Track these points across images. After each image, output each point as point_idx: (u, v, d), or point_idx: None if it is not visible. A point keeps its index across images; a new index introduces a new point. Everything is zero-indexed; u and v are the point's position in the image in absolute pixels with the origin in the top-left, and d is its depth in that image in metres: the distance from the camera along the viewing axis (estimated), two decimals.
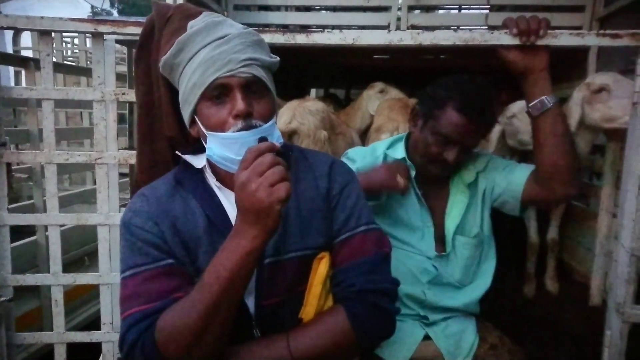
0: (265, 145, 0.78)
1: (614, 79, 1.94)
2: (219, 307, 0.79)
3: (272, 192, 0.73)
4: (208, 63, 0.87)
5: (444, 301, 1.37)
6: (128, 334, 0.84)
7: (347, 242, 0.96)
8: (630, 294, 1.30)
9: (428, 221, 1.38)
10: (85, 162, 1.43)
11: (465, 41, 1.29)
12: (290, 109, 2.32)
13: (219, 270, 0.78)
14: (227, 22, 0.93)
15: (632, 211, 1.29)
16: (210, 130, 0.90)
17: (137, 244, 0.89)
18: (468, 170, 1.39)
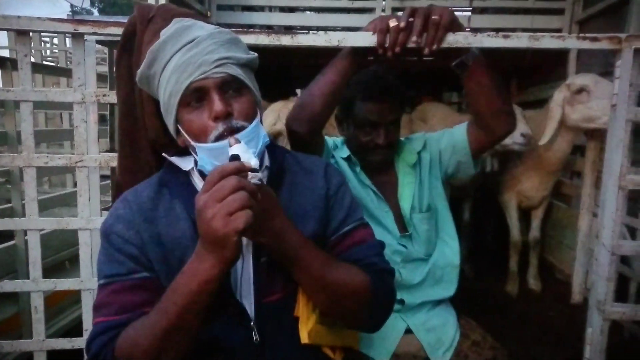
0: (232, 166, 0.72)
1: (594, 80, 1.98)
2: (174, 332, 0.77)
3: (229, 222, 0.69)
4: (180, 69, 0.85)
5: (417, 278, 1.41)
6: (93, 343, 0.83)
7: (347, 235, 0.99)
8: (611, 292, 1.33)
9: (385, 207, 1.42)
10: (65, 165, 1.40)
11: (449, 44, 1.29)
12: (275, 110, 2.31)
13: (176, 296, 0.76)
14: (196, 25, 0.91)
15: (612, 210, 1.31)
16: (194, 137, 0.88)
17: (114, 253, 0.88)
18: (409, 153, 1.47)
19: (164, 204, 0.93)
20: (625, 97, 1.27)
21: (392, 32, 1.15)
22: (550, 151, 2.29)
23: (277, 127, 2.21)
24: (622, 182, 1.30)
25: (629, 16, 2.21)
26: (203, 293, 0.75)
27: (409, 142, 1.51)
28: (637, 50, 1.25)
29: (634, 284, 1.95)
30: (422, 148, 1.48)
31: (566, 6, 2.87)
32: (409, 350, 1.38)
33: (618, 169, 1.29)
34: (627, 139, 1.30)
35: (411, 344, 1.38)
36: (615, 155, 1.30)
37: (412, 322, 1.40)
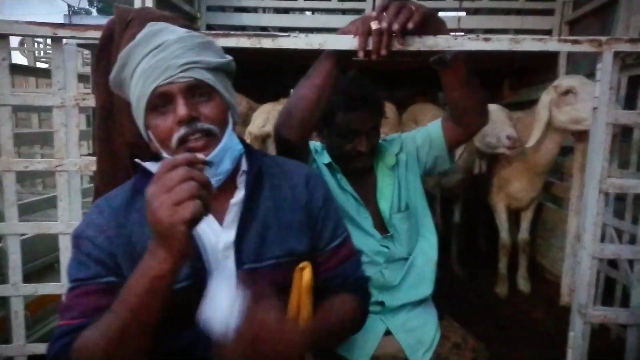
0: (182, 157, 0.71)
1: (581, 82, 1.98)
2: (127, 333, 0.75)
3: (174, 212, 0.67)
4: (147, 73, 0.85)
5: (398, 277, 1.42)
6: (54, 344, 0.82)
7: (337, 249, 1.02)
8: (592, 296, 1.33)
9: (365, 212, 1.43)
10: (45, 169, 1.39)
11: (430, 47, 1.28)
12: (264, 112, 2.31)
13: (128, 296, 0.74)
14: (167, 29, 0.90)
15: (593, 214, 1.31)
16: (160, 142, 0.87)
17: (82, 257, 0.87)
18: (388, 155, 1.49)
19: (138, 210, 0.92)
20: (605, 100, 1.27)
21: (374, 35, 1.12)
22: (537, 153, 2.28)
23: (265, 129, 2.20)
24: (603, 186, 1.30)
25: (616, 17, 2.21)
26: (155, 290, 0.73)
27: (387, 144, 1.52)
28: (616, 53, 1.25)
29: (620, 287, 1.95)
30: (399, 150, 1.50)
31: (556, 7, 2.87)
32: (388, 351, 1.37)
33: (599, 173, 1.29)
34: (608, 142, 1.29)
35: (390, 345, 1.38)
36: (596, 159, 1.30)
37: (391, 323, 1.39)
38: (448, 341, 1.43)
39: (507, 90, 4.00)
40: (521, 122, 2.35)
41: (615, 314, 1.35)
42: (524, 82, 3.53)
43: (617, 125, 1.33)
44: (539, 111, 2.10)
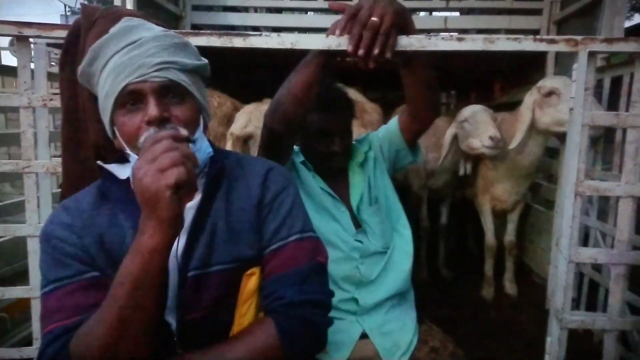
0: (165, 132, 0.74)
1: (564, 83, 1.96)
2: (127, 317, 0.73)
3: (159, 177, 0.69)
4: (119, 69, 0.83)
5: (375, 272, 1.42)
6: (47, 350, 0.79)
7: (277, 252, 0.92)
8: (569, 300, 1.30)
9: (341, 207, 1.46)
10: (12, 171, 1.36)
11: (403, 47, 1.26)
12: (247, 112, 2.28)
13: (123, 277, 0.73)
14: (143, 26, 0.89)
15: (569, 217, 1.28)
16: (126, 140, 0.86)
17: (59, 257, 0.85)
18: (359, 154, 1.54)
19: (105, 212, 0.90)
20: (581, 100, 1.25)
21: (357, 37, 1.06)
22: (522, 154, 2.26)
23: (247, 130, 2.18)
24: (580, 188, 1.27)
25: (600, 16, 2.19)
26: (150, 266, 0.72)
27: (358, 143, 1.58)
28: (592, 53, 1.22)
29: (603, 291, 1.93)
30: (368, 148, 1.56)
31: (544, 6, 2.85)
32: (364, 355, 1.36)
33: (575, 175, 1.27)
34: (585, 143, 1.27)
35: (366, 348, 1.36)
36: (572, 161, 1.27)
37: (367, 325, 1.38)
38: (426, 345, 1.42)
39: (498, 91, 3.99)
40: (506, 123, 2.33)
41: (592, 319, 1.32)
42: (514, 82, 3.51)
43: (594, 126, 1.31)
44: (522, 112, 2.08)
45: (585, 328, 1.34)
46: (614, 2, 2.11)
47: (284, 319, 0.87)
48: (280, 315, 0.87)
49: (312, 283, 0.91)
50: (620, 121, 1.28)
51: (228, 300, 0.90)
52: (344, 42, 1.23)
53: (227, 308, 0.90)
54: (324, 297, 0.92)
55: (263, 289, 0.91)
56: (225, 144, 2.23)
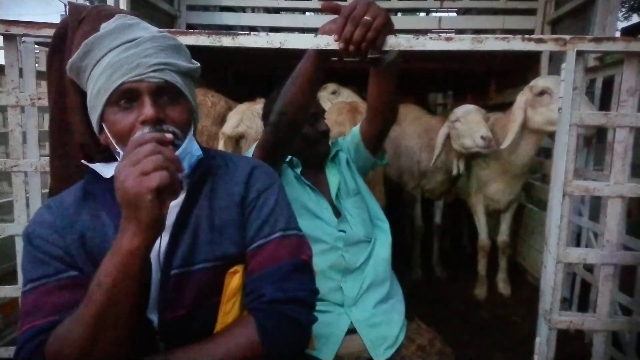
0: (150, 135, 0.74)
1: (556, 82, 1.95)
2: (105, 318, 0.73)
3: (141, 181, 0.69)
4: (114, 67, 0.83)
5: (360, 259, 1.48)
6: (22, 350, 0.79)
7: (259, 249, 0.91)
8: (557, 301, 1.30)
9: (323, 201, 1.53)
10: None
11: (392, 46, 1.26)
12: (239, 112, 2.28)
13: (101, 277, 0.73)
14: (140, 25, 0.89)
15: (557, 217, 1.28)
16: (117, 138, 0.85)
17: (39, 256, 0.85)
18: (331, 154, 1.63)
19: (89, 211, 0.90)
20: (569, 100, 1.24)
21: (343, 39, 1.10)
22: (514, 154, 2.26)
23: (239, 129, 2.17)
24: (568, 188, 1.27)
25: (593, 16, 2.19)
26: (128, 268, 0.72)
27: (332, 145, 1.67)
28: (579, 52, 1.22)
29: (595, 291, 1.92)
30: (340, 148, 1.66)
31: (538, 6, 2.85)
32: (351, 350, 1.37)
33: (563, 175, 1.26)
34: (573, 143, 1.27)
35: (354, 343, 1.38)
36: (560, 161, 1.27)
37: (355, 317, 1.40)
38: (413, 344, 1.42)
39: (493, 91, 3.99)
40: (499, 123, 2.33)
41: (581, 320, 1.32)
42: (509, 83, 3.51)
43: (583, 126, 1.31)
44: (514, 112, 2.08)
45: (574, 328, 1.33)
46: (606, 2, 2.10)
47: (265, 316, 0.86)
48: (261, 313, 0.86)
49: (295, 280, 0.90)
50: (609, 121, 1.28)
51: (211, 298, 0.90)
52: (332, 41, 1.23)
53: (210, 306, 0.89)
54: (307, 295, 0.91)
55: (245, 287, 0.91)
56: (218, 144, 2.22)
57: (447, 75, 3.95)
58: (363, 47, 1.08)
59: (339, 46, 1.10)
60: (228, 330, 0.87)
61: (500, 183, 2.44)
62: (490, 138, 2.06)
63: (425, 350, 1.41)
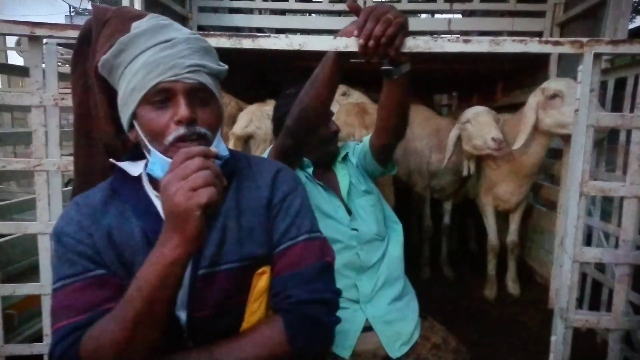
0: (197, 149, 0.75)
1: (568, 85, 1.97)
2: (141, 322, 0.75)
3: (191, 196, 0.70)
4: (151, 66, 0.84)
5: (374, 257, 1.51)
6: (56, 348, 0.81)
7: (286, 251, 0.93)
8: (573, 300, 1.31)
9: (335, 200, 1.55)
10: (23, 169, 1.38)
11: (410, 48, 1.28)
12: (249, 113, 2.30)
13: (141, 283, 0.75)
14: (173, 26, 0.91)
15: (574, 217, 1.30)
16: (151, 136, 0.87)
17: (67, 254, 0.86)
18: (340, 155, 1.67)
19: (115, 208, 0.92)
20: (586, 102, 1.26)
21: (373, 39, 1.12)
22: (525, 155, 2.27)
23: (248, 130, 2.19)
24: (584, 189, 1.29)
25: (604, 18, 2.20)
26: (169, 277, 0.74)
27: (342, 147, 1.72)
28: (597, 54, 1.24)
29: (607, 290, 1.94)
30: (352, 152, 1.70)
31: (547, 9, 2.86)
32: (368, 347, 1.40)
33: (580, 175, 1.28)
34: (590, 144, 1.28)
35: (371, 341, 1.40)
36: (577, 161, 1.29)
37: (370, 313, 1.43)
38: (428, 342, 1.44)
39: (500, 92, 4.00)
40: (508, 124, 2.35)
41: (597, 318, 1.34)
42: (517, 84, 3.53)
43: (599, 127, 1.32)
44: (525, 113, 2.10)
45: (589, 327, 1.35)
46: (617, 5, 2.12)
47: (292, 316, 0.87)
48: (288, 313, 0.88)
49: (320, 282, 0.93)
50: (625, 122, 1.30)
51: (238, 298, 0.91)
52: (351, 43, 1.26)
53: (236, 306, 0.91)
54: (332, 296, 0.93)
55: (272, 288, 0.92)
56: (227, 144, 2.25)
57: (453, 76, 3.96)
58: (383, 42, 1.10)
59: (359, 42, 1.12)
60: (256, 329, 0.89)
61: (510, 183, 2.46)
62: (501, 140, 2.08)
63: (441, 348, 1.43)
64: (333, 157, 1.64)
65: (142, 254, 0.87)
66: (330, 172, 1.64)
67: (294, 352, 0.86)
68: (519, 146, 2.12)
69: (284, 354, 0.86)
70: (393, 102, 1.37)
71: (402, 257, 1.57)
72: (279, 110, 1.65)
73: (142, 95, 0.85)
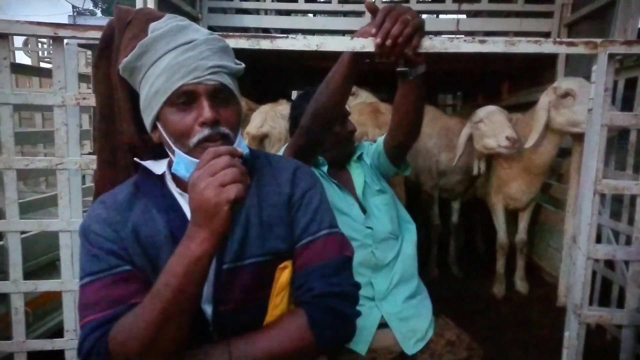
0: (224, 148, 0.78)
1: (579, 84, 1.99)
2: (169, 315, 0.78)
3: (220, 192, 0.73)
4: (173, 69, 0.86)
5: (389, 256, 1.53)
6: (84, 342, 0.83)
7: (308, 246, 0.95)
8: (587, 296, 1.33)
9: (349, 198, 1.57)
10: (45, 167, 1.41)
11: (427, 49, 1.29)
12: (262, 113, 2.32)
13: (169, 277, 0.77)
14: (192, 27, 0.93)
15: (588, 215, 1.32)
16: (175, 137, 0.89)
17: (94, 251, 0.88)
18: (355, 154, 1.70)
19: (140, 206, 0.94)
20: (600, 101, 1.28)
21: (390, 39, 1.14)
22: (536, 154, 2.29)
23: (263, 130, 2.22)
24: (598, 187, 1.31)
25: (614, 19, 2.22)
26: (196, 271, 0.76)
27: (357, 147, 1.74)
28: (611, 55, 1.26)
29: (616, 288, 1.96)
30: (366, 152, 1.72)
31: (555, 9, 2.88)
32: (384, 344, 1.42)
33: (594, 174, 1.30)
34: (603, 143, 1.30)
35: (387, 338, 1.42)
36: (591, 160, 1.31)
37: (385, 310, 1.45)
38: (442, 338, 1.46)
39: (506, 92, 4.01)
40: (519, 123, 2.36)
41: (610, 315, 1.36)
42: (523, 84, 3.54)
43: (613, 127, 1.34)
44: (537, 112, 2.12)
45: (603, 323, 1.37)
46: (627, 5, 2.14)
47: (315, 309, 0.89)
48: (311, 306, 0.90)
49: (341, 275, 0.95)
50: (639, 122, 1.31)
51: (261, 292, 0.94)
52: (368, 43, 1.27)
53: (260, 300, 0.93)
54: (352, 289, 0.96)
55: (294, 281, 0.95)
56: None
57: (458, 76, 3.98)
58: (400, 41, 1.11)
59: (376, 41, 1.14)
60: (280, 322, 0.91)
61: (521, 182, 2.48)
62: (515, 139, 2.10)
63: (455, 345, 1.45)
64: (349, 157, 1.66)
65: (167, 250, 0.90)
66: (345, 171, 1.67)
67: (317, 344, 0.89)
68: (531, 145, 2.14)
69: (308, 345, 0.88)
70: (408, 102, 1.39)
71: (415, 256, 1.59)
72: (295, 109, 1.67)
73: (166, 98, 0.87)
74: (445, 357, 1.41)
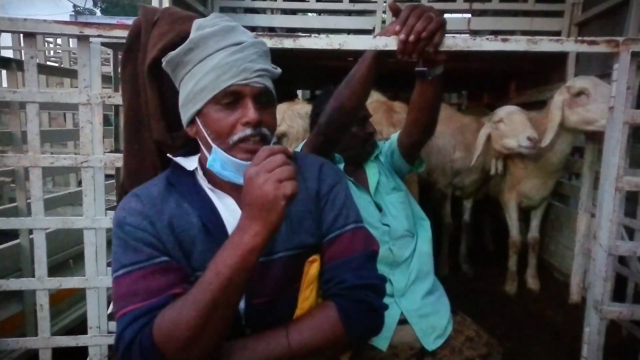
0: (278, 147, 0.81)
1: (593, 83, 2.00)
2: (218, 304, 0.79)
3: (279, 187, 0.75)
4: (223, 68, 0.88)
5: (406, 253, 1.55)
6: (125, 332, 0.83)
7: (336, 240, 0.98)
8: (608, 292, 1.35)
9: (366, 196, 1.60)
10: (71, 165, 1.42)
11: (449, 47, 1.31)
12: (280, 112, 2.33)
13: (220, 268, 0.78)
14: (240, 29, 0.95)
15: (609, 211, 1.33)
16: (215, 134, 0.91)
17: (131, 242, 0.89)
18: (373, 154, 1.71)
19: (174, 200, 0.96)
20: (622, 99, 1.29)
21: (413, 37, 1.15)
22: (550, 152, 2.31)
23: (281, 129, 2.23)
24: (619, 184, 1.32)
25: (627, 18, 2.23)
26: (247, 262, 0.78)
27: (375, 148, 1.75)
28: (634, 53, 1.27)
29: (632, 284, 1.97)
30: (380, 152, 1.74)
31: (565, 8, 2.89)
32: (404, 340, 1.43)
33: (615, 171, 1.31)
34: (624, 141, 1.32)
35: (407, 334, 1.44)
36: (612, 157, 1.32)
37: (405, 307, 1.47)
38: (461, 335, 1.48)
39: (514, 91, 4.02)
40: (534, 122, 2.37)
41: (630, 311, 1.37)
42: (532, 83, 3.55)
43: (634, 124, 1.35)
44: (551, 111, 2.13)
45: (623, 319, 1.38)
46: None
47: (345, 301, 0.92)
48: (341, 299, 0.92)
49: (369, 269, 0.98)
50: None
51: (291, 285, 0.96)
52: (390, 42, 1.28)
53: (290, 293, 0.95)
54: (380, 282, 0.98)
55: (323, 275, 0.97)
56: None
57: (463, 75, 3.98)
58: (424, 36, 1.13)
59: (400, 37, 1.15)
60: (311, 314, 0.93)
61: (535, 180, 2.49)
62: (537, 139, 2.12)
63: (474, 341, 1.46)
64: (368, 156, 1.68)
65: (201, 243, 0.92)
66: (360, 169, 1.68)
67: (348, 335, 0.91)
68: (547, 144, 2.15)
69: (339, 336, 0.91)
70: (425, 101, 1.41)
71: (431, 253, 1.61)
72: (316, 107, 1.69)
73: (212, 95, 0.89)
74: (465, 353, 1.42)
